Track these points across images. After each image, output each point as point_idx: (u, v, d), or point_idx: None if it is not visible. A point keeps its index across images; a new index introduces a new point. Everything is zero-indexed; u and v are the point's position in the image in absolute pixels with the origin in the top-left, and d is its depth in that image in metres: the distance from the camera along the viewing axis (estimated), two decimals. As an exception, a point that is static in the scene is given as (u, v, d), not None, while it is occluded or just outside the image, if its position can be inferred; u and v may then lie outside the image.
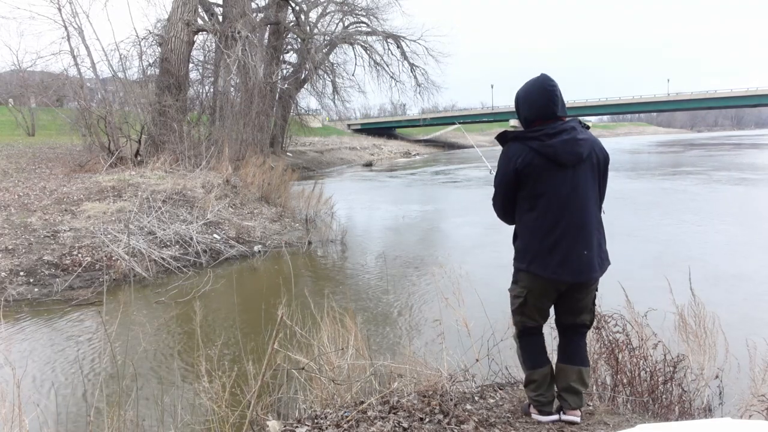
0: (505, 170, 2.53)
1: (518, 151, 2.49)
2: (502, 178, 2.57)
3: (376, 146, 50.78)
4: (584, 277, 2.50)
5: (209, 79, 19.81)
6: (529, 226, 2.54)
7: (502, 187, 2.59)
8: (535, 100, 2.52)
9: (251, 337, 4.74)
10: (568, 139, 2.45)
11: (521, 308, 2.65)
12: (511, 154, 2.51)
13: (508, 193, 2.58)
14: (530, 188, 2.49)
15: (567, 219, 2.45)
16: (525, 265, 2.54)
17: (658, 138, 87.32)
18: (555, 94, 2.48)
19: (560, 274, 2.47)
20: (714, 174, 21.99)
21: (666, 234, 10.39)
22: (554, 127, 2.47)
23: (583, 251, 2.47)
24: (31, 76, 17.84)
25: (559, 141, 2.44)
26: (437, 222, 13.78)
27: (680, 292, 3.64)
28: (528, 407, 2.79)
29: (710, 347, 3.35)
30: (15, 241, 8.33)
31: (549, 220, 2.47)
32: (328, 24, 30.92)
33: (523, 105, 2.57)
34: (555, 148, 2.43)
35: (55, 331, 6.27)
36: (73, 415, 4.01)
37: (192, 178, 12.48)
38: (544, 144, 2.44)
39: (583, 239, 2.48)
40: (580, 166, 2.47)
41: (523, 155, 2.46)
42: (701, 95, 52.65)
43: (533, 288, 2.57)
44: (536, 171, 2.45)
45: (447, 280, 4.01)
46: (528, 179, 2.47)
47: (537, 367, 2.68)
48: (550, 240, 2.47)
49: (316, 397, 3.14)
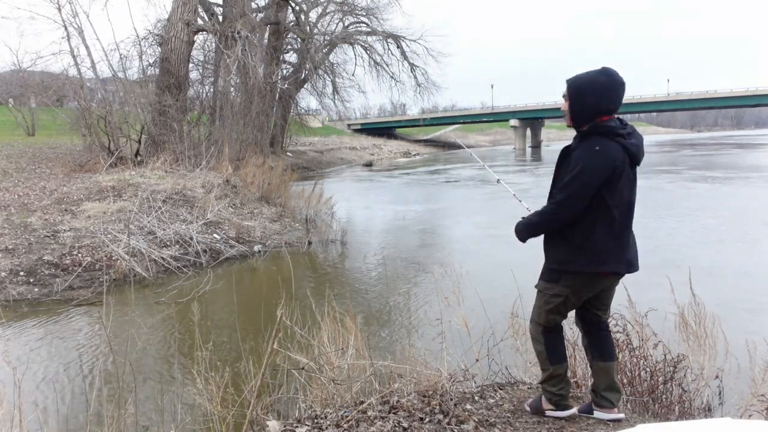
0: (603, 166, 2.35)
1: (615, 149, 2.39)
2: (598, 174, 2.35)
3: (376, 146, 50.79)
4: (636, 267, 2.58)
5: (209, 79, 19.81)
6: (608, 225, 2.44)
7: (593, 183, 2.36)
8: (609, 90, 2.40)
9: (251, 337, 4.74)
10: (641, 140, 2.49)
11: (558, 307, 2.63)
12: (612, 151, 2.38)
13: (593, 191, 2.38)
14: (613, 187, 2.40)
15: (631, 216, 2.52)
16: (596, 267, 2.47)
17: (657, 138, 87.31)
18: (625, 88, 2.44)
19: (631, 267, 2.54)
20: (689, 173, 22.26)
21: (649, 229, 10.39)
22: (624, 126, 2.45)
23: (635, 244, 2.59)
24: (31, 76, 17.83)
25: (637, 141, 2.45)
26: (437, 221, 13.79)
27: (679, 292, 3.64)
28: (540, 404, 2.77)
29: (710, 347, 3.35)
30: (15, 241, 8.33)
31: (623, 219, 2.48)
32: (328, 24, 30.95)
33: (590, 95, 2.41)
34: (638, 148, 2.45)
35: (55, 331, 6.27)
36: (73, 415, 4.01)
37: (192, 178, 12.48)
38: (630, 143, 2.41)
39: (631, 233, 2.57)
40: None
41: (619, 153, 2.39)
42: (701, 95, 52.60)
43: (580, 286, 2.55)
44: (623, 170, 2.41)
45: (447, 279, 4.01)
46: (615, 178, 2.39)
47: (563, 362, 2.72)
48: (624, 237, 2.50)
49: (316, 397, 3.14)
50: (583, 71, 2.50)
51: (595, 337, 2.72)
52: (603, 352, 2.69)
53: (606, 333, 2.74)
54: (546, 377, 2.73)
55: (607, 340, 2.73)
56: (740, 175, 21.50)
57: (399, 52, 29.79)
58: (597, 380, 2.70)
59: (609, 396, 2.65)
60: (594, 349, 2.71)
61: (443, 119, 66.96)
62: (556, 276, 2.59)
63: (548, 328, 2.69)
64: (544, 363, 2.72)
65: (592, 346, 2.72)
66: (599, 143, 2.39)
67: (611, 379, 2.66)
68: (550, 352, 2.69)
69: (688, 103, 55.29)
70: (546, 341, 2.70)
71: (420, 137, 65.48)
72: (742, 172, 22.80)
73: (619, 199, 2.43)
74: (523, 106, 60.34)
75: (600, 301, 2.67)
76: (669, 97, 56.05)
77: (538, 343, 2.73)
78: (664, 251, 8.83)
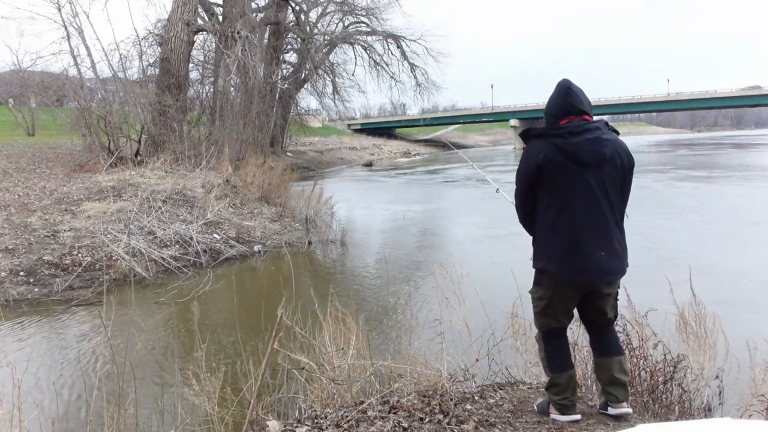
0: (527, 166, 2.50)
1: (540, 148, 2.46)
2: (523, 175, 2.54)
3: (376, 146, 50.79)
4: (603, 278, 2.49)
5: (209, 79, 19.80)
6: (548, 226, 2.50)
7: (523, 183, 2.55)
8: (557, 97, 2.54)
9: (251, 337, 4.74)
10: (592, 139, 2.42)
11: (545, 310, 2.63)
12: (533, 151, 2.49)
13: (528, 191, 2.54)
14: (550, 186, 2.45)
15: (586, 219, 2.43)
16: (543, 264, 2.53)
17: (656, 138, 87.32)
18: (574, 90, 2.51)
19: (579, 275, 2.46)
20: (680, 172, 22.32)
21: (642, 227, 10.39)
22: (578, 126, 2.44)
23: (601, 252, 2.44)
24: (31, 76, 17.83)
25: (583, 140, 2.41)
26: (437, 221, 13.78)
27: (678, 291, 3.64)
28: (546, 406, 2.76)
29: (710, 347, 3.35)
30: (15, 241, 8.33)
31: (568, 220, 2.44)
32: (328, 24, 30.98)
33: (548, 105, 2.58)
34: (577, 147, 2.40)
35: (55, 331, 6.27)
36: (73, 415, 4.01)
37: (192, 178, 12.47)
38: (566, 142, 2.41)
39: (602, 240, 2.45)
40: (603, 167, 2.43)
41: (545, 152, 2.43)
42: (701, 95, 52.61)
43: (557, 289, 2.56)
44: (557, 169, 2.42)
45: (447, 279, 4.00)
46: (548, 177, 2.44)
47: (562, 371, 2.64)
48: (569, 240, 2.44)
49: (316, 397, 3.14)
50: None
51: (595, 334, 2.74)
52: (602, 347, 2.70)
53: (608, 330, 2.71)
54: (548, 384, 2.73)
55: (605, 336, 2.70)
56: (725, 174, 21.53)
57: (399, 52, 29.86)
58: (599, 375, 2.73)
59: (613, 391, 2.64)
60: (594, 345, 2.75)
61: (443, 119, 66.99)
62: (536, 277, 2.66)
63: (547, 334, 2.68)
64: (545, 370, 2.74)
65: (593, 343, 2.76)
66: (528, 145, 2.56)
67: (611, 374, 2.64)
68: (549, 360, 2.68)
69: (688, 103, 55.33)
70: (546, 347, 2.69)
71: (420, 137, 65.48)
72: (726, 171, 22.86)
73: (559, 199, 2.44)
74: (523, 106, 60.36)
75: (591, 306, 2.63)
76: (669, 97, 56.09)
77: (540, 349, 2.75)
78: (660, 249, 8.84)
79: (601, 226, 2.45)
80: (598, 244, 2.44)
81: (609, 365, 2.64)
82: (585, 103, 2.51)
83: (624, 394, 2.65)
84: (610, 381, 2.64)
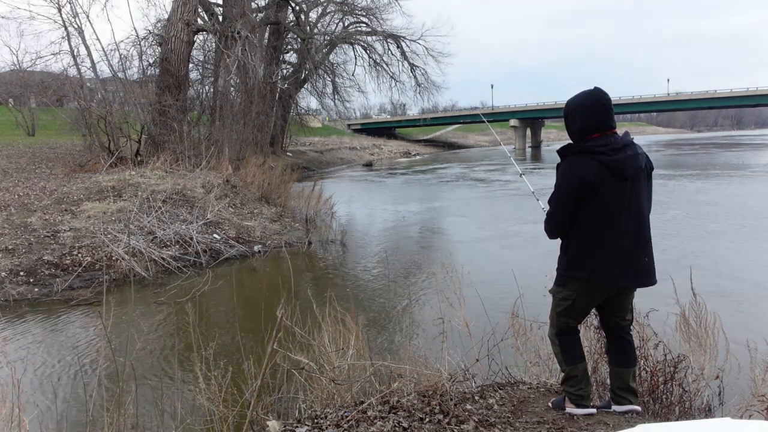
0: (570, 182, 2.54)
1: (584, 164, 2.52)
2: (568, 192, 2.55)
3: (376, 146, 50.76)
4: (647, 282, 2.62)
5: (209, 79, 19.79)
6: (592, 238, 2.57)
7: (568, 200, 2.57)
8: (592, 112, 2.55)
9: (251, 337, 4.74)
10: (632, 155, 2.53)
11: (567, 310, 2.73)
12: (576, 167, 2.54)
13: (571, 207, 2.57)
14: (597, 200, 2.52)
15: (630, 228, 2.55)
16: (587, 274, 2.58)
17: (656, 138, 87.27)
18: (611, 107, 2.56)
19: (627, 280, 2.58)
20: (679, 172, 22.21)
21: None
22: (617, 142, 2.53)
23: (644, 258, 2.59)
24: (31, 76, 17.80)
25: (626, 156, 2.52)
26: (437, 222, 13.79)
27: (678, 290, 3.64)
28: (563, 401, 2.85)
29: (711, 347, 3.35)
30: (15, 241, 8.32)
31: (616, 230, 2.54)
32: (328, 24, 30.94)
33: (578, 116, 2.59)
34: (621, 163, 2.50)
35: (55, 331, 6.27)
36: (73, 415, 4.01)
37: (192, 178, 12.47)
38: (611, 159, 2.50)
39: (644, 247, 2.59)
40: (640, 179, 2.57)
41: (590, 168, 2.50)
42: (701, 95, 52.59)
43: (585, 292, 2.66)
44: (604, 185, 2.50)
45: (447, 279, 4.00)
46: (595, 192, 2.51)
47: (577, 363, 2.78)
48: (617, 249, 2.54)
49: (316, 397, 3.14)
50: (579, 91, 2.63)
51: (614, 341, 2.83)
52: (620, 357, 2.81)
53: (624, 338, 2.81)
54: (564, 378, 2.85)
55: (624, 345, 2.81)
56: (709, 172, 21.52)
57: (399, 52, 29.82)
58: (613, 382, 2.85)
59: (625, 395, 2.79)
60: (612, 354, 2.85)
61: (443, 119, 66.90)
62: (563, 280, 2.73)
63: (562, 331, 2.80)
64: (561, 364, 2.86)
65: (611, 351, 2.86)
66: (572, 162, 2.57)
67: (626, 384, 2.78)
68: (565, 354, 2.81)
69: (688, 103, 55.27)
70: (561, 343, 2.82)
71: (420, 137, 65.44)
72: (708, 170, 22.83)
73: (601, 212, 2.53)
74: (523, 106, 60.32)
75: (614, 307, 2.75)
76: (669, 97, 56.06)
77: (554, 345, 2.87)
78: (661, 248, 8.84)
79: (643, 234, 2.59)
80: (642, 251, 2.58)
81: (626, 376, 2.79)
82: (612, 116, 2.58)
83: (635, 398, 2.80)
84: (624, 388, 2.79)
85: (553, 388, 3.26)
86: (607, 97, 2.55)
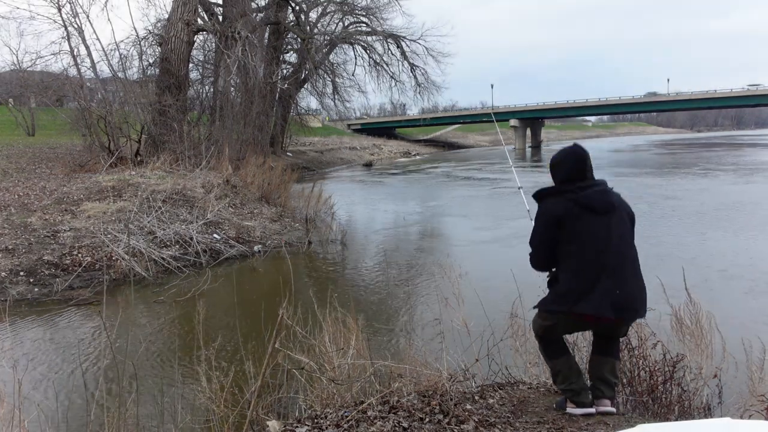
0: (546, 221, 2.74)
1: (557, 204, 2.73)
2: (545, 230, 2.75)
3: (376, 146, 50.72)
4: (630, 315, 2.70)
5: (209, 79, 19.79)
6: (571, 269, 2.68)
7: (544, 237, 2.75)
8: (570, 166, 2.82)
9: (251, 337, 4.74)
10: (600, 190, 2.74)
11: (547, 332, 2.84)
12: (551, 207, 2.74)
13: (550, 243, 2.73)
14: (570, 235, 2.67)
15: (609, 262, 2.62)
16: (567, 307, 2.66)
17: (653, 138, 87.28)
18: (586, 161, 2.79)
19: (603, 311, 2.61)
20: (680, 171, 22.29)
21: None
22: (586, 183, 2.75)
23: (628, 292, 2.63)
24: (31, 76, 17.78)
25: (592, 191, 2.72)
26: (437, 221, 13.79)
27: (673, 289, 3.65)
28: (564, 402, 2.86)
29: (707, 347, 3.36)
30: (15, 241, 8.33)
31: (594, 265, 2.62)
32: (328, 24, 30.93)
33: (559, 169, 2.85)
34: (590, 198, 2.69)
35: (55, 330, 6.27)
36: (74, 414, 4.01)
37: (192, 178, 12.47)
38: (579, 195, 2.70)
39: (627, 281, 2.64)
40: (614, 213, 2.69)
41: (562, 206, 2.70)
42: (701, 95, 52.53)
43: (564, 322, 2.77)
44: (575, 218, 2.66)
45: (447, 280, 4.01)
46: (568, 227, 2.67)
47: (558, 357, 2.83)
48: (592, 279, 2.61)
49: (316, 397, 3.14)
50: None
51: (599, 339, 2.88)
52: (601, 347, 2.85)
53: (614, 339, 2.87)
54: (553, 376, 2.90)
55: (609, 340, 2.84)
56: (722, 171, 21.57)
57: (399, 52, 29.82)
58: (590, 371, 2.89)
59: (600, 386, 2.80)
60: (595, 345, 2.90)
61: (443, 119, 66.85)
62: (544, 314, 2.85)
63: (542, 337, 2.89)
64: (546, 361, 2.93)
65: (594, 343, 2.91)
66: (546, 203, 2.80)
67: (602, 372, 2.80)
68: (545, 350, 2.89)
69: (688, 103, 55.23)
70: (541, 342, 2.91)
71: (420, 137, 65.39)
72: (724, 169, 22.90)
73: (579, 245, 2.66)
74: (523, 106, 60.29)
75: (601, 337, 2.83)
76: (669, 97, 56.01)
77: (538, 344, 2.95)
78: (657, 246, 8.85)
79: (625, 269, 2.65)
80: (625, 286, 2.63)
81: (603, 363, 2.81)
82: (589, 166, 2.80)
83: (609, 392, 2.79)
84: (599, 377, 2.81)
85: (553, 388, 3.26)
86: (583, 153, 2.81)
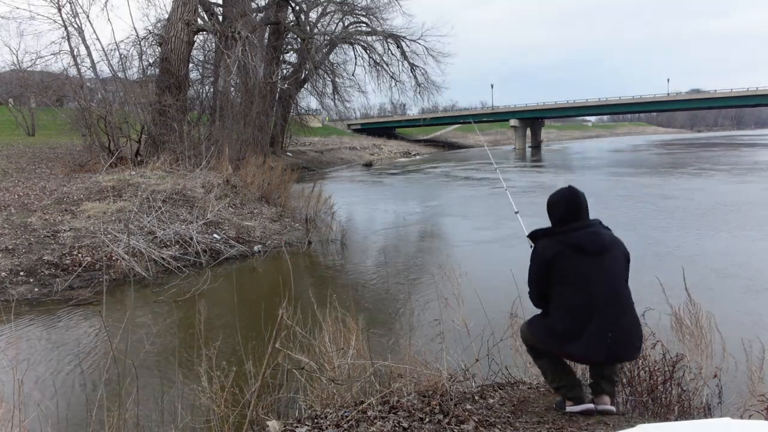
0: (539, 263, 2.79)
1: (548, 245, 2.78)
2: (537, 270, 2.80)
3: (376, 146, 50.72)
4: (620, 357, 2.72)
5: (209, 79, 19.79)
6: (564, 308, 2.71)
7: (537, 276, 2.80)
8: (564, 208, 2.87)
9: (251, 337, 4.74)
10: (591, 231, 2.78)
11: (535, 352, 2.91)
12: (543, 249, 2.80)
13: (543, 283, 2.78)
14: (562, 276, 2.71)
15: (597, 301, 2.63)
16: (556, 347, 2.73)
17: (653, 138, 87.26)
18: (580, 203, 2.85)
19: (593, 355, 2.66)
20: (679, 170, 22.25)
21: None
22: (579, 224, 2.80)
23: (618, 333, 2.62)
24: (31, 76, 17.78)
25: (585, 233, 2.77)
26: (437, 222, 13.79)
27: (672, 289, 3.64)
28: (563, 402, 2.87)
29: (707, 346, 3.36)
30: (15, 241, 8.33)
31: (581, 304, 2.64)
32: (328, 24, 30.93)
33: (554, 210, 2.91)
34: (581, 239, 2.74)
35: (55, 330, 6.27)
36: (74, 414, 4.01)
37: (192, 178, 12.48)
38: (571, 237, 2.75)
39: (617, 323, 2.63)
40: (607, 254, 2.72)
41: (553, 247, 2.75)
42: (701, 95, 52.59)
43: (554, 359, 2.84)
44: (566, 260, 2.70)
45: (447, 280, 4.01)
46: (559, 269, 2.71)
47: (543, 356, 2.86)
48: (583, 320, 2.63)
49: (316, 397, 3.14)
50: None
51: None
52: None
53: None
54: (543, 375, 2.93)
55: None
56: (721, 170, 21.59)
57: (399, 52, 29.82)
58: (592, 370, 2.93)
59: (600, 383, 2.81)
60: None
61: (443, 119, 66.83)
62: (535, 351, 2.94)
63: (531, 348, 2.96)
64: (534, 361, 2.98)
65: None
66: (538, 244, 2.87)
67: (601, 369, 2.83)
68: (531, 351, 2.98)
69: (688, 103, 55.26)
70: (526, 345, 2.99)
71: (420, 137, 65.38)
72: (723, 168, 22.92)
73: (570, 287, 2.69)
74: (523, 106, 60.29)
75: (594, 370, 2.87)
76: (669, 97, 56.00)
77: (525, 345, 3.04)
78: (655, 245, 8.85)
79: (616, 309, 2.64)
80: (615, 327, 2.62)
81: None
82: (584, 207, 2.84)
83: (609, 387, 2.82)
84: (600, 374, 2.83)
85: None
86: (576, 195, 2.85)
